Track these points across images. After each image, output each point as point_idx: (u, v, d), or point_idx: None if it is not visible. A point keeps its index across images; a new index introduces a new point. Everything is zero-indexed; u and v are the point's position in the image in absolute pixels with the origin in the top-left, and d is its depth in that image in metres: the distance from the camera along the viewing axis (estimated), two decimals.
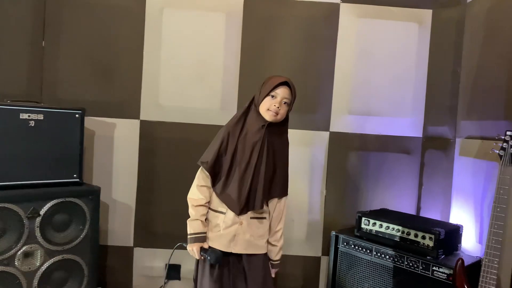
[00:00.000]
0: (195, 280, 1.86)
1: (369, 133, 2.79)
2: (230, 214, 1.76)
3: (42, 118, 2.19)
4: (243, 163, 1.75)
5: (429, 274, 2.15)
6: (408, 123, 2.79)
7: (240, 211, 1.75)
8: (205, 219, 1.81)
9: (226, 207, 1.77)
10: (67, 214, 2.25)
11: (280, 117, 1.77)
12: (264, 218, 1.85)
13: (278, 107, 1.74)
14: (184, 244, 1.83)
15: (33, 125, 2.16)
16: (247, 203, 1.76)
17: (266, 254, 1.88)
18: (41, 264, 2.16)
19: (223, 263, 1.77)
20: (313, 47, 2.76)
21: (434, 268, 2.13)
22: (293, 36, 2.75)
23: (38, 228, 2.14)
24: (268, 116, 1.76)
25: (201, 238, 1.77)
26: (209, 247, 1.77)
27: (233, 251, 1.78)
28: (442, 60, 2.72)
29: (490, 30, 2.39)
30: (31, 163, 2.18)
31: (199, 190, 1.79)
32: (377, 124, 2.78)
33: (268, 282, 1.85)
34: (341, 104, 2.78)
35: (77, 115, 2.32)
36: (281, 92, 1.75)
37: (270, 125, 1.78)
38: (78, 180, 2.33)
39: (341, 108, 2.78)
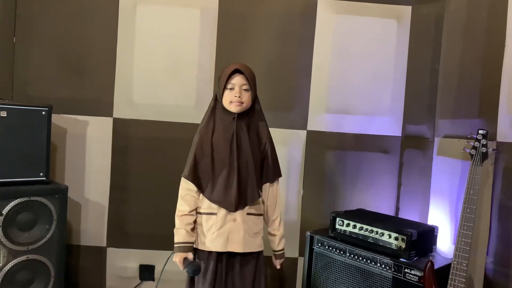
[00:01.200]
0: (189, 282, 1.84)
1: (347, 132, 2.74)
2: (222, 213, 1.74)
3: (5, 115, 2.13)
4: (225, 160, 1.73)
5: (401, 276, 2.09)
6: (387, 122, 2.74)
7: (236, 207, 1.73)
8: (193, 229, 1.78)
9: (217, 207, 1.74)
10: (32, 214, 2.20)
11: (245, 104, 1.75)
12: (261, 214, 1.84)
13: (239, 96, 1.72)
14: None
15: None
16: (240, 198, 1.73)
17: (260, 252, 1.86)
18: (4, 265, 2.11)
19: (218, 264, 1.76)
20: (290, 44, 2.71)
21: (406, 270, 2.08)
22: (269, 32, 2.70)
23: (0, 228, 2.08)
24: (233, 108, 1.74)
25: (184, 248, 1.75)
26: (191, 258, 1.74)
27: (230, 250, 1.75)
28: (421, 57, 2.66)
29: (468, 27, 2.33)
30: None
31: (182, 200, 1.78)
32: (355, 122, 2.73)
33: (260, 281, 1.83)
34: (318, 103, 2.73)
35: (43, 112, 2.26)
36: (237, 81, 1.73)
37: (241, 115, 1.76)
38: (44, 178, 2.28)
39: (318, 107, 2.73)
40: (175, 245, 1.76)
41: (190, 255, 1.74)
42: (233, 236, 1.74)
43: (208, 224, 1.76)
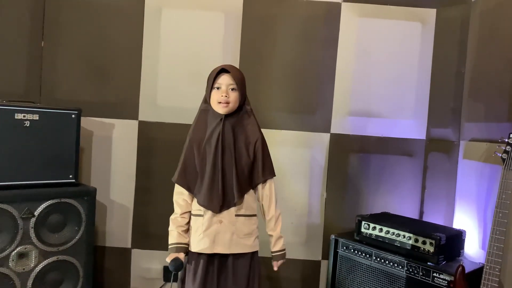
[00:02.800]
0: (182, 281, 1.85)
1: (371, 135, 2.73)
2: (208, 215, 1.74)
3: (37, 118, 2.18)
4: (210, 163, 1.73)
5: (429, 280, 2.08)
6: (410, 125, 2.73)
7: (220, 209, 1.73)
8: (187, 230, 1.81)
9: (204, 209, 1.75)
10: (62, 215, 2.24)
11: (232, 105, 1.74)
12: (253, 215, 1.82)
13: (226, 96, 1.72)
14: None
15: (28, 125, 2.15)
16: (224, 200, 1.73)
17: (255, 254, 1.85)
18: (36, 265, 2.15)
19: (208, 266, 1.76)
20: (313, 47, 2.72)
21: (434, 274, 2.07)
22: (293, 35, 2.71)
23: (33, 229, 2.13)
24: (220, 109, 1.74)
25: (176, 248, 1.78)
26: (182, 258, 1.76)
27: (216, 251, 1.75)
28: (446, 60, 2.65)
29: (495, 29, 2.32)
30: (26, 164, 2.17)
31: (175, 203, 1.83)
32: (379, 125, 2.73)
33: (254, 283, 1.81)
34: (342, 105, 2.73)
35: (73, 116, 2.30)
36: (223, 81, 1.74)
37: (230, 116, 1.76)
38: (73, 180, 2.32)
39: (342, 109, 2.73)
40: (169, 246, 1.79)
41: (181, 255, 1.76)
42: (219, 237, 1.74)
43: (196, 225, 1.78)
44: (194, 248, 1.77)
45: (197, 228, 1.77)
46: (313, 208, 2.76)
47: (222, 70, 1.76)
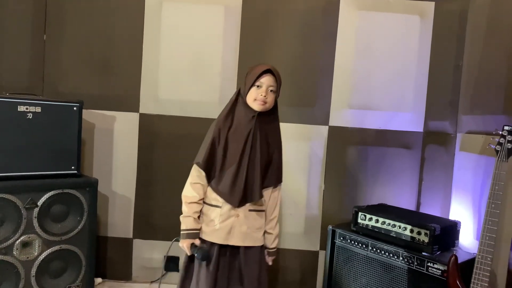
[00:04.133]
0: (184, 269, 1.87)
1: (369, 128, 2.76)
2: (226, 207, 1.77)
3: (39, 110, 2.22)
4: (237, 156, 1.75)
5: (424, 270, 2.12)
6: (408, 118, 2.75)
7: (239, 204, 1.76)
8: (199, 216, 1.82)
9: (222, 201, 1.77)
10: (64, 205, 2.29)
11: (268, 105, 1.77)
12: (263, 210, 1.86)
13: (265, 96, 1.74)
14: (178, 239, 1.84)
15: (30, 117, 2.20)
16: (244, 195, 1.77)
17: (262, 247, 1.90)
18: (39, 254, 2.21)
19: (220, 255, 1.79)
20: (312, 40, 2.74)
21: (429, 264, 2.11)
22: (292, 29, 2.74)
23: (36, 219, 2.18)
24: (256, 106, 1.76)
25: (192, 234, 1.78)
26: (199, 244, 1.77)
27: (230, 243, 1.79)
28: (444, 53, 2.67)
29: (493, 23, 2.33)
30: (30, 155, 2.22)
31: (192, 188, 1.80)
32: (377, 118, 2.75)
33: (263, 275, 1.87)
34: (340, 98, 2.75)
35: (75, 108, 2.35)
36: (266, 81, 1.75)
37: (260, 115, 1.79)
38: (76, 172, 2.37)
39: (340, 102, 2.75)
40: (182, 232, 1.78)
41: (197, 241, 1.78)
42: (234, 230, 1.78)
43: (211, 215, 1.80)
44: (208, 237, 1.79)
45: (213, 218, 1.79)
46: (311, 199, 2.80)
47: (266, 70, 1.76)
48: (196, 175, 1.81)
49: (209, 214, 1.81)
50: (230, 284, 1.82)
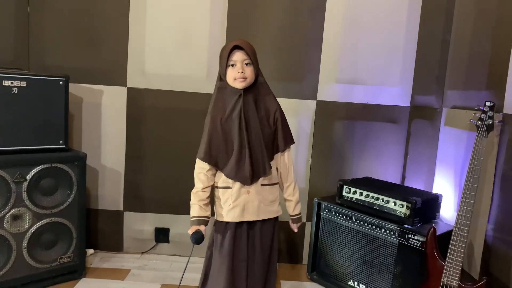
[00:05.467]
0: (209, 247, 1.93)
1: (356, 102, 2.78)
2: (236, 186, 1.81)
3: (25, 85, 2.21)
4: (236, 139, 1.78)
5: (405, 241, 2.20)
6: (396, 92, 2.77)
7: (251, 181, 1.80)
8: (206, 204, 1.85)
9: (232, 181, 1.81)
10: (53, 179, 2.32)
11: (249, 79, 1.77)
12: (276, 183, 1.91)
13: (242, 72, 1.74)
14: None
15: (16, 92, 2.19)
16: (254, 172, 1.80)
17: (276, 218, 1.94)
18: (30, 227, 2.25)
19: (236, 232, 1.85)
20: (301, 14, 2.71)
21: (409, 236, 2.18)
22: (280, 2, 2.70)
23: (25, 192, 2.21)
24: (238, 84, 1.76)
25: (198, 221, 1.82)
26: (203, 230, 1.81)
27: (246, 219, 1.84)
28: (432, 28, 2.66)
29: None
30: (16, 130, 2.22)
31: (197, 178, 1.85)
32: (364, 93, 2.77)
33: (275, 246, 1.94)
34: (328, 73, 2.75)
35: (61, 82, 2.34)
36: (237, 57, 1.75)
37: (247, 90, 1.79)
38: (64, 146, 2.38)
39: (328, 77, 2.76)
40: (190, 219, 1.84)
41: (202, 228, 1.82)
42: (248, 206, 1.83)
43: (224, 197, 1.84)
44: (225, 218, 1.84)
45: (226, 199, 1.83)
46: (299, 173, 2.84)
47: (235, 47, 1.76)
48: (198, 166, 1.85)
49: (222, 196, 1.86)
50: (249, 257, 1.88)
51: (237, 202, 1.82)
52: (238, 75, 1.74)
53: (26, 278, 2.27)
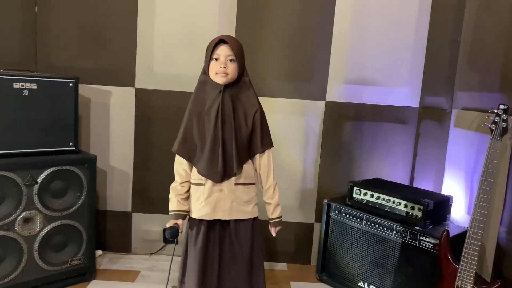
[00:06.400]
0: (184, 249, 1.92)
1: (365, 103, 2.77)
2: (209, 184, 1.79)
3: (35, 87, 2.19)
4: (210, 135, 1.76)
5: (416, 243, 2.20)
6: (405, 93, 2.76)
7: (221, 179, 1.78)
8: (185, 198, 1.86)
9: (204, 178, 1.80)
10: (64, 182, 2.31)
11: (231, 76, 1.75)
12: (252, 183, 1.88)
13: (224, 67, 1.72)
14: None
15: (26, 94, 2.17)
16: (225, 170, 1.78)
17: (256, 220, 1.91)
18: (41, 229, 2.25)
19: (209, 231, 1.83)
20: (310, 14, 2.70)
21: (421, 238, 2.18)
22: (290, 2, 2.69)
23: (36, 195, 2.20)
24: (219, 79, 1.74)
25: (176, 215, 1.83)
26: (181, 224, 1.82)
27: (217, 218, 1.82)
28: (442, 28, 2.65)
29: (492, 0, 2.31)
30: (27, 132, 2.21)
31: (175, 172, 1.86)
32: (373, 93, 2.76)
33: (256, 248, 1.89)
34: (337, 73, 2.75)
35: (71, 84, 2.32)
36: (222, 51, 1.73)
37: (228, 86, 1.77)
38: (74, 148, 2.37)
39: (337, 77, 2.75)
40: (169, 213, 1.86)
41: (180, 222, 1.83)
42: (219, 205, 1.81)
43: (197, 194, 1.83)
44: (195, 215, 1.83)
45: (198, 196, 1.82)
46: (307, 173, 2.84)
47: (221, 41, 1.74)
48: (176, 161, 1.86)
49: (195, 193, 1.84)
50: (222, 259, 1.87)
51: (208, 200, 1.80)
52: (220, 69, 1.72)
53: (37, 281, 2.26)
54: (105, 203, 2.82)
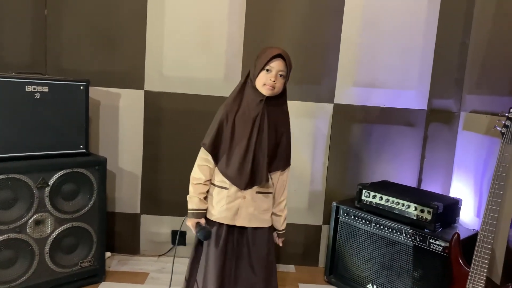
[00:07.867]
0: (194, 249, 1.93)
1: (374, 105, 2.78)
2: (233, 189, 1.80)
3: (47, 90, 2.21)
4: (244, 140, 1.77)
5: (426, 246, 2.21)
6: (413, 96, 2.77)
7: (245, 186, 1.79)
8: (205, 197, 1.86)
9: (229, 183, 1.80)
10: (75, 184, 2.32)
11: (276, 90, 1.76)
12: (270, 192, 1.89)
13: (274, 81, 1.73)
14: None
15: (38, 97, 2.18)
16: (251, 178, 1.79)
17: (271, 227, 1.94)
18: (52, 231, 2.26)
19: (228, 234, 1.84)
20: (319, 16, 2.70)
21: (431, 240, 2.19)
22: (299, 4, 2.69)
23: (48, 198, 2.21)
24: (264, 91, 1.75)
25: (197, 214, 1.82)
26: (203, 224, 1.82)
27: (237, 224, 1.83)
28: (451, 31, 2.66)
29: (502, 2, 2.31)
30: (39, 135, 2.22)
31: (199, 169, 1.83)
32: (382, 96, 2.77)
33: (271, 255, 1.93)
34: (346, 76, 2.75)
35: (81, 87, 2.33)
36: (276, 65, 1.73)
37: (269, 99, 1.78)
38: (84, 151, 2.38)
39: (346, 80, 2.76)
40: (188, 211, 1.83)
41: (202, 221, 1.83)
42: (241, 211, 1.82)
43: (219, 196, 1.83)
44: (215, 217, 1.83)
45: (220, 199, 1.82)
46: (316, 176, 2.85)
47: (278, 55, 1.74)
48: (202, 157, 1.84)
49: (216, 195, 1.84)
50: (239, 262, 1.87)
51: (230, 205, 1.80)
52: (269, 82, 1.73)
53: (48, 283, 2.27)
54: (114, 205, 2.83)
